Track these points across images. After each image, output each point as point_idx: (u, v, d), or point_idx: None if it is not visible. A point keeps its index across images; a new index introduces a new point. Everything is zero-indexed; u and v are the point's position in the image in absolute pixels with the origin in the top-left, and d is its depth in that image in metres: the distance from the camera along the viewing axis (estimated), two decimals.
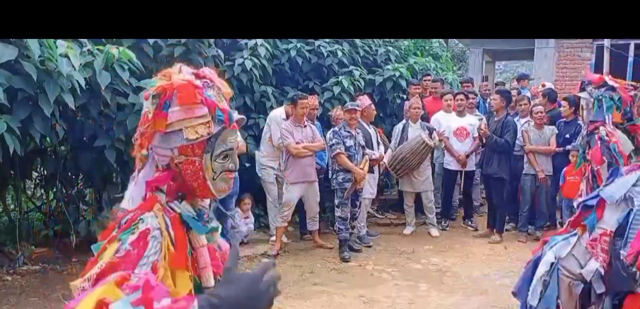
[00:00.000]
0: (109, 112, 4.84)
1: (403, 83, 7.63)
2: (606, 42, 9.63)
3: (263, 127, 6.34)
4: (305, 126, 5.97)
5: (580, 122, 5.18)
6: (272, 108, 6.51)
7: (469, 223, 7.28)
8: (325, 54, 7.25)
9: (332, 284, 5.01)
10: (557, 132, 6.52)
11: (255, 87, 6.65)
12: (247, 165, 6.29)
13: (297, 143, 5.80)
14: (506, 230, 6.83)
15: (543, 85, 8.35)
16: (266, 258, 5.68)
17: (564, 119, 6.53)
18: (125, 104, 4.93)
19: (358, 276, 5.25)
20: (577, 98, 4.08)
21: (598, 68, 10.53)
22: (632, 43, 10.38)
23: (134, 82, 4.95)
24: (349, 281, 5.12)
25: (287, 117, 6.09)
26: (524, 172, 6.67)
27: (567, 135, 6.37)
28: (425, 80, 8.02)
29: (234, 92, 6.44)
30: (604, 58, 9.51)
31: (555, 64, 11.83)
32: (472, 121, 7.05)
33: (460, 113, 7.07)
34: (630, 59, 10.16)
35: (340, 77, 7.06)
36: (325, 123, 6.84)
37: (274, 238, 6.05)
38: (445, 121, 7.05)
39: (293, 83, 7.28)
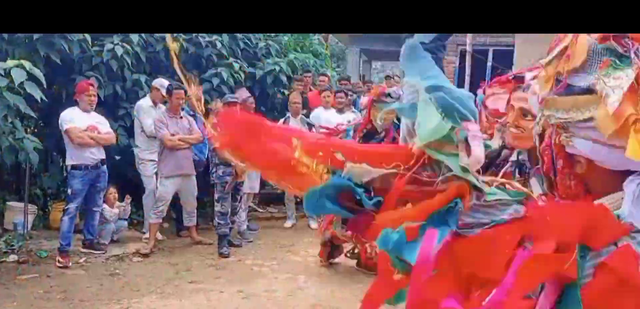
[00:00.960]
0: None
1: (283, 78, 7.64)
2: (468, 47, 10.46)
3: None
4: (181, 117, 5.72)
5: None
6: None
7: None
8: (204, 44, 7.01)
9: (210, 281, 4.86)
10: None
11: (126, 75, 6.23)
12: (118, 157, 5.89)
13: (173, 135, 5.54)
14: None
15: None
16: (138, 257, 5.35)
17: None
18: None
19: (237, 272, 5.14)
20: None
21: (462, 71, 11.46)
22: (491, 49, 11.44)
23: None
24: (227, 277, 5.00)
25: (155, 104, 5.81)
26: None
27: None
28: (306, 77, 8.14)
29: (103, 79, 5.99)
30: (467, 62, 10.33)
31: None
32: (351, 118, 7.27)
33: (340, 111, 7.25)
34: (489, 64, 11.20)
35: (219, 69, 6.87)
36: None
37: (147, 235, 5.72)
38: (325, 117, 7.18)
39: (169, 73, 6.93)
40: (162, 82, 5.97)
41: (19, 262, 5.01)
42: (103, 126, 5.30)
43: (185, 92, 5.71)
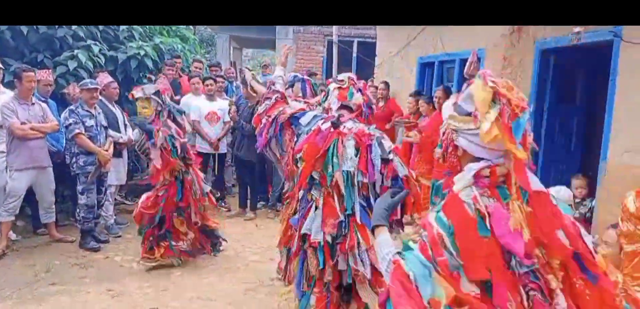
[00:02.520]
0: None
1: (149, 62, 7.26)
2: (335, 38, 10.90)
3: None
4: (33, 104, 5.17)
5: None
6: None
7: (222, 204, 7.40)
8: (56, 25, 6.37)
9: (74, 282, 4.48)
10: None
11: None
12: None
13: (23, 123, 4.99)
14: (258, 208, 7.17)
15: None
16: None
17: None
18: None
19: (105, 270, 4.80)
20: None
21: (329, 60, 11.87)
22: (356, 40, 12.01)
23: None
24: (94, 276, 4.65)
25: None
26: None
27: None
28: (177, 62, 7.86)
29: None
30: (334, 52, 10.74)
31: (294, 55, 12.89)
32: (222, 105, 7.17)
33: (211, 98, 7.10)
34: (355, 55, 11.75)
35: (75, 51, 6.30)
36: (61, 102, 6.04)
37: None
38: (196, 104, 6.99)
39: (17, 56, 6.20)
40: None
41: None
42: None
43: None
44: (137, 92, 4.82)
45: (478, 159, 1.62)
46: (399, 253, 1.61)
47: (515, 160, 1.52)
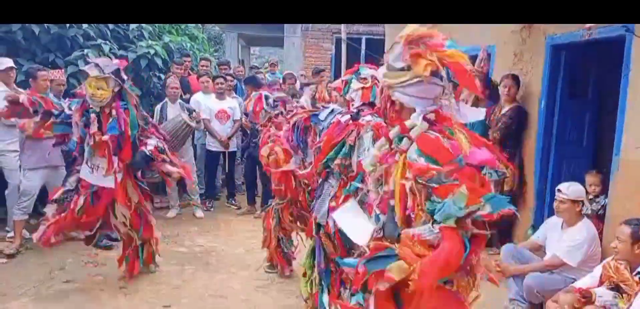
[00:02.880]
0: None
1: (159, 61, 7.31)
2: (343, 35, 10.88)
3: None
4: None
5: None
6: None
7: (233, 202, 7.43)
8: (68, 25, 6.43)
9: (88, 280, 4.53)
10: None
11: None
12: None
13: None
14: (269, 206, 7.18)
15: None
16: (3, 258, 4.80)
17: None
18: None
19: (117, 268, 4.84)
20: None
21: (337, 58, 11.86)
22: (364, 38, 11.99)
23: None
24: (107, 273, 4.69)
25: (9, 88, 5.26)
26: None
27: None
28: (185, 60, 7.89)
29: None
30: (342, 50, 10.73)
31: (302, 52, 12.90)
32: (232, 103, 7.19)
33: (221, 96, 7.12)
34: (363, 52, 11.74)
35: (86, 51, 6.35)
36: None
37: (12, 234, 5.18)
38: (205, 103, 7.02)
39: (28, 55, 6.26)
40: (1, 61, 5.36)
41: None
42: None
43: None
44: (91, 70, 3.96)
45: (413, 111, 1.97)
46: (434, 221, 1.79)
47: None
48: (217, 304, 4.13)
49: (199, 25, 11.91)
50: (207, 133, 7.06)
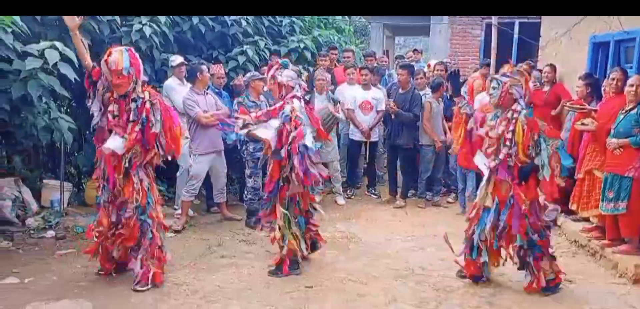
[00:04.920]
0: None
1: (308, 54, 7.66)
2: (494, 20, 10.27)
3: None
4: (206, 94, 5.79)
5: None
6: None
7: (373, 191, 7.53)
8: (230, 23, 7.05)
9: (241, 256, 4.96)
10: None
11: (155, 55, 6.32)
12: None
13: (205, 112, 5.62)
14: (407, 196, 7.16)
15: (428, 65, 8.91)
16: (171, 233, 5.47)
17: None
18: (9, 71, 4.47)
19: (267, 247, 5.21)
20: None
21: (487, 45, 11.26)
22: (517, 21, 11.19)
23: (19, 47, 4.48)
24: (257, 252, 5.09)
25: (182, 82, 5.97)
26: (423, 142, 6.98)
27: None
28: (332, 53, 8.15)
29: None
30: (492, 36, 10.15)
31: (449, 40, 12.48)
32: (376, 94, 7.25)
33: (365, 87, 7.23)
34: (516, 37, 10.98)
35: (245, 47, 6.91)
36: (231, 93, 6.69)
37: (179, 212, 5.84)
38: (350, 93, 7.18)
39: (196, 52, 7.01)
40: (174, 58, 6.03)
41: (57, 238, 5.17)
42: None
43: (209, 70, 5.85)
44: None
45: None
46: None
47: None
48: (357, 290, 4.23)
49: (346, 17, 12.20)
50: (350, 122, 7.23)
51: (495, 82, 4.11)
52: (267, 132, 4.34)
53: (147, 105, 3.92)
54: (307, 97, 6.79)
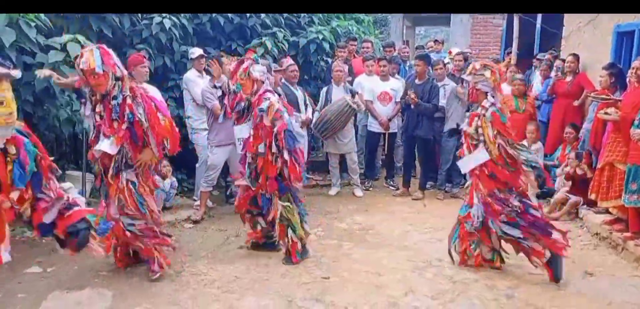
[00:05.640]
0: None
1: (326, 45, 7.65)
2: None
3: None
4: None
5: None
6: None
7: (391, 183, 7.51)
8: (248, 15, 7.07)
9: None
10: None
11: (175, 47, 6.38)
12: None
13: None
14: (426, 188, 7.12)
15: (449, 53, 8.81)
16: (190, 224, 5.54)
17: None
18: (32, 64, 4.57)
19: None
20: None
21: (509, 34, 11.09)
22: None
23: (41, 40, 4.58)
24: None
25: (201, 74, 6.01)
26: (447, 127, 6.86)
27: None
28: (351, 44, 8.13)
29: (153, 52, 6.15)
30: (514, 25, 9.99)
31: (470, 30, 12.34)
32: (395, 85, 7.21)
33: (384, 78, 7.19)
34: (538, 26, 10.78)
35: (263, 38, 6.93)
36: None
37: (198, 203, 5.91)
38: (369, 85, 7.15)
39: (215, 44, 7.06)
40: (193, 51, 6.08)
41: None
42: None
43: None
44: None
45: None
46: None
47: None
48: (374, 281, 4.22)
49: None
50: (368, 113, 7.21)
51: (465, 83, 4.44)
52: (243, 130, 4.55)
53: (129, 100, 3.80)
54: (278, 91, 6.85)
